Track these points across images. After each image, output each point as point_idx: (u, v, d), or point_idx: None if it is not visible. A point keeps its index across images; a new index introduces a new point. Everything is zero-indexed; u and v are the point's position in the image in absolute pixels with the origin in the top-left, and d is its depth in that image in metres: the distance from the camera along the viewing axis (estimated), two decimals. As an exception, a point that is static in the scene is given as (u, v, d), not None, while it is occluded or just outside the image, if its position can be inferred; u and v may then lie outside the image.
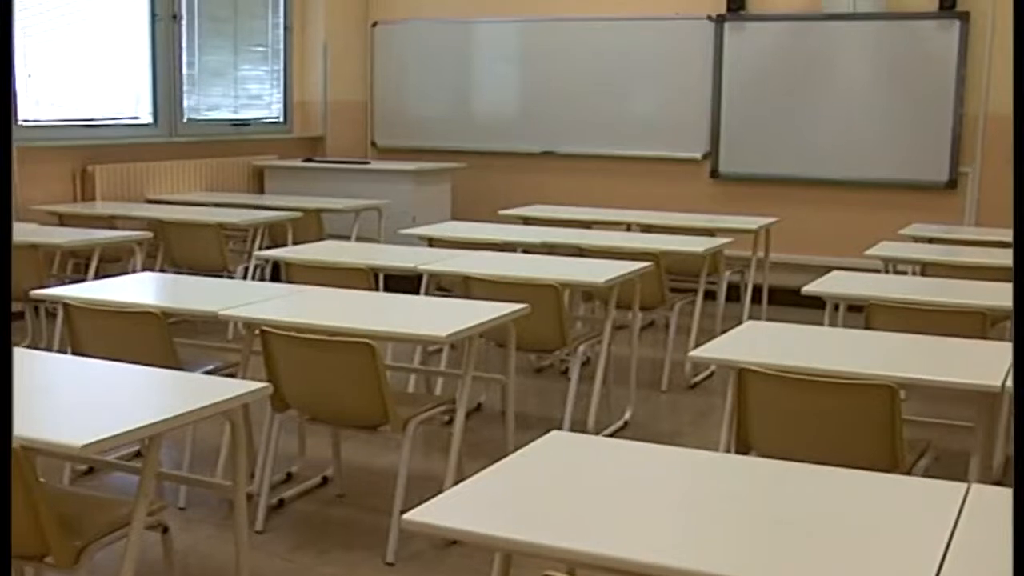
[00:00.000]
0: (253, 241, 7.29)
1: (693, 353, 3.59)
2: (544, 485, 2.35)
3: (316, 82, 9.84)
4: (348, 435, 4.64)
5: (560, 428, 4.73)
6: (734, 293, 7.37)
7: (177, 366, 3.98)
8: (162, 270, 7.02)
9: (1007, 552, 2.02)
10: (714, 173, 9.12)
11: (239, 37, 9.28)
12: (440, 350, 5.74)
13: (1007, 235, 6.75)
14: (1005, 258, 5.83)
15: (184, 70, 8.74)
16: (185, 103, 8.79)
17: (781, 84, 8.81)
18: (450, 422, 4.17)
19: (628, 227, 7.42)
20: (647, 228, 7.28)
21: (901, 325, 4.25)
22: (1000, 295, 4.72)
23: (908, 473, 3.39)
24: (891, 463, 3.30)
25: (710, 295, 6.75)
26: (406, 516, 2.12)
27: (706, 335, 3.94)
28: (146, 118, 8.52)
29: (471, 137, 9.88)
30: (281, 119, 9.81)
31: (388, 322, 4.11)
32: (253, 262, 7.06)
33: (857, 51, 8.59)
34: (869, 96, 8.57)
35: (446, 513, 2.16)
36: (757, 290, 7.55)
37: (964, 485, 2.28)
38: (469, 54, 9.91)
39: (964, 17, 8.25)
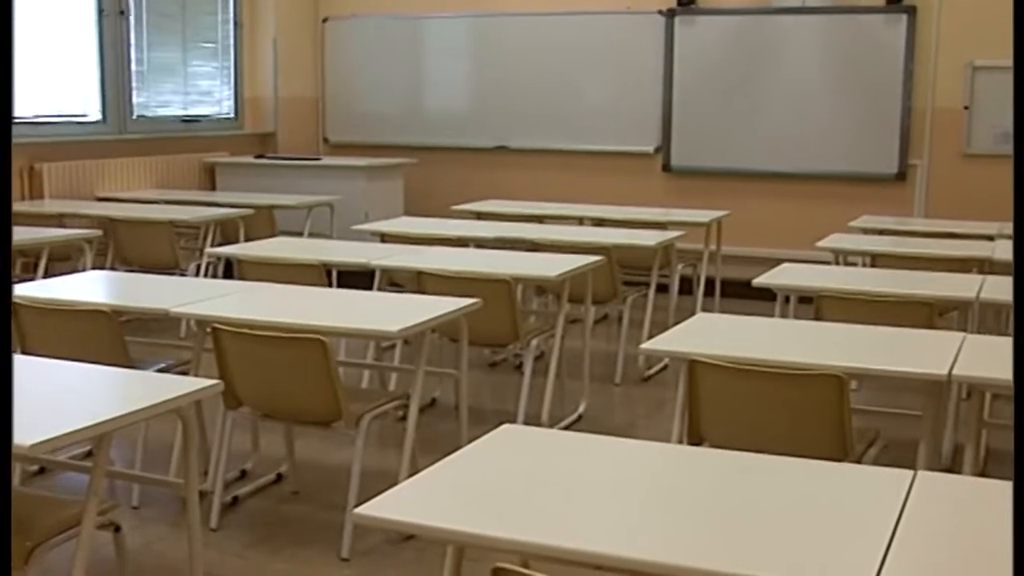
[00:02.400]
0: (205, 238, 7.25)
1: (644, 346, 3.61)
2: (496, 478, 2.36)
3: (267, 78, 9.79)
4: (302, 432, 4.63)
5: (514, 422, 4.76)
6: (687, 286, 7.41)
7: (128, 364, 3.95)
8: (113, 268, 6.97)
9: (953, 537, 2.05)
10: (666, 167, 9.16)
11: (188, 33, 9.21)
12: (393, 346, 5.75)
13: (955, 226, 6.84)
14: (953, 249, 5.90)
15: (133, 66, 8.66)
16: (134, 100, 8.71)
17: (732, 78, 8.86)
18: (404, 417, 4.16)
19: (580, 221, 7.44)
20: (599, 222, 7.30)
21: (851, 316, 4.29)
22: (948, 285, 4.78)
23: (858, 462, 3.42)
24: (841, 452, 3.34)
25: (663, 288, 6.78)
26: (357, 511, 2.13)
27: (659, 328, 3.96)
28: (95, 115, 8.44)
29: (423, 133, 9.88)
30: (232, 115, 9.76)
31: (340, 318, 4.11)
32: (205, 259, 7.03)
33: (806, 45, 8.65)
34: (819, 90, 8.64)
35: (398, 507, 2.16)
36: (709, 283, 7.61)
37: (911, 473, 2.31)
38: (421, 50, 9.90)
39: (911, 11, 8.33)
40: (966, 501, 2.24)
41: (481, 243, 6.25)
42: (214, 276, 7.13)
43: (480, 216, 7.42)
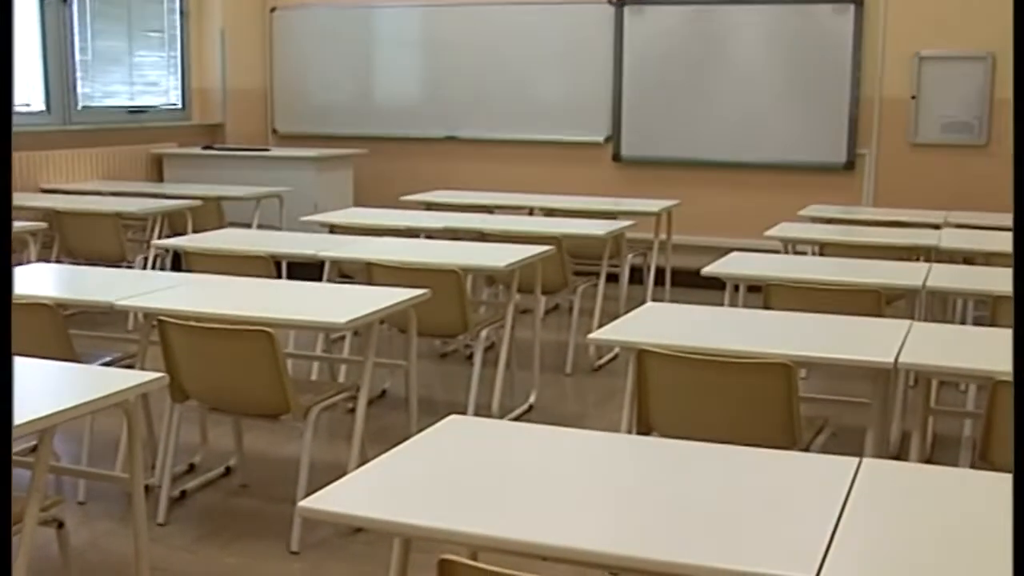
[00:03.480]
0: (152, 230, 7.19)
1: (592, 335, 3.61)
2: (443, 469, 2.35)
3: (214, 68, 9.70)
4: (251, 424, 4.60)
5: (464, 413, 4.75)
6: (637, 275, 7.43)
7: (73, 358, 3.91)
8: (58, 261, 6.89)
9: (898, 523, 2.06)
10: (616, 157, 9.17)
11: (133, 22, 9.11)
12: (343, 337, 5.72)
13: (903, 215, 6.90)
14: (901, 237, 5.95)
15: (77, 56, 8.55)
16: (79, 90, 8.61)
17: (682, 68, 8.88)
18: (354, 409, 4.15)
19: (531, 211, 7.44)
20: (549, 212, 7.30)
21: (799, 304, 4.31)
22: (895, 274, 4.82)
23: (806, 450, 3.44)
24: (789, 440, 3.35)
25: (613, 278, 6.80)
26: (302, 503, 2.11)
27: (609, 318, 3.96)
28: (38, 105, 8.33)
29: (373, 123, 9.83)
30: (179, 106, 9.66)
31: (287, 309, 4.08)
32: (152, 252, 6.96)
33: (755, 35, 8.68)
34: (768, 79, 8.67)
35: (343, 500, 2.15)
36: (660, 272, 7.63)
37: (856, 460, 2.32)
38: (370, 40, 9.85)
39: (858, 2, 8.38)
40: (911, 487, 2.25)
41: (431, 234, 6.23)
42: (162, 269, 7.07)
43: (430, 207, 7.39)
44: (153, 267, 7.00)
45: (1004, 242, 5.67)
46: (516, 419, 5.31)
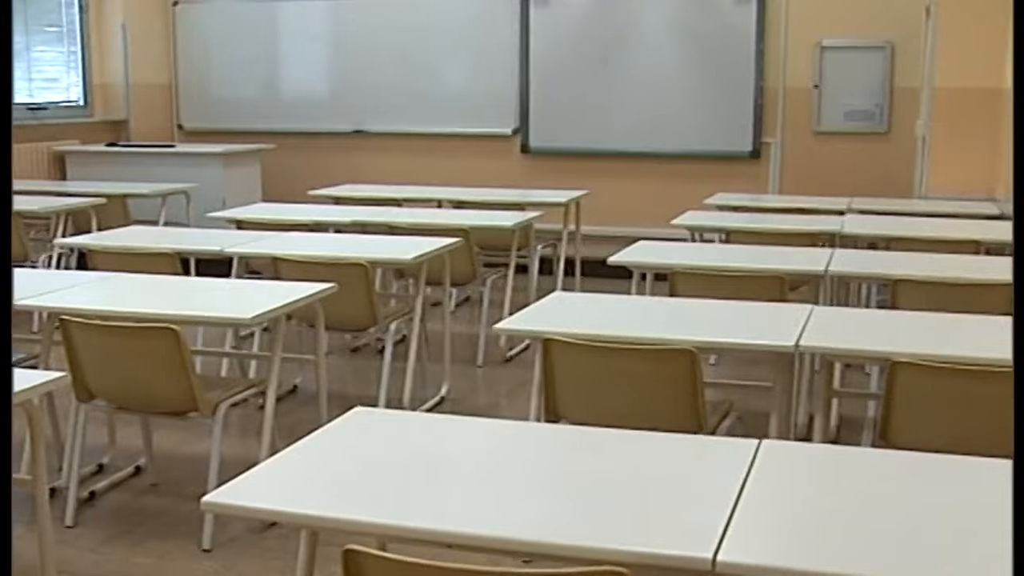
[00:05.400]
0: (55, 229, 7.07)
1: (499, 325, 3.63)
2: (348, 460, 2.35)
3: (117, 64, 9.57)
4: (161, 423, 4.56)
5: (376, 406, 4.74)
6: (547, 266, 7.46)
7: (-27, 360, 3.83)
8: (-42, 262, 6.74)
9: (794, 501, 2.10)
10: (525, 148, 9.21)
11: (29, 16, 8.94)
12: (252, 333, 5.68)
13: (807, 202, 7.01)
14: (805, 224, 6.04)
15: (-30, 51, 8.37)
16: (-25, 87, 8.43)
17: (588, 59, 8.93)
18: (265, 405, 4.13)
19: (439, 204, 7.44)
20: (458, 204, 7.30)
21: (704, 291, 4.37)
22: (799, 259, 4.89)
23: (712, 434, 3.49)
24: (695, 425, 3.40)
25: (524, 269, 6.82)
26: (206, 498, 2.10)
27: (519, 309, 3.98)
28: (-68, 103, 8.15)
29: (280, 118, 9.76)
30: (81, 102, 9.52)
31: (193, 306, 4.06)
32: (56, 251, 6.85)
33: (661, 26, 8.76)
34: (674, 70, 8.76)
35: (248, 493, 2.14)
36: (569, 262, 7.66)
37: (756, 441, 2.37)
38: (275, 33, 9.78)
39: (761, -8, 8.51)
40: (808, 467, 2.30)
41: (339, 228, 6.21)
42: (67, 268, 6.95)
43: (338, 201, 7.36)
44: (57, 267, 6.89)
45: (905, 227, 5.80)
46: (428, 411, 5.31)
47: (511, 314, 3.80)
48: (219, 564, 3.80)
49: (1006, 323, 3.73)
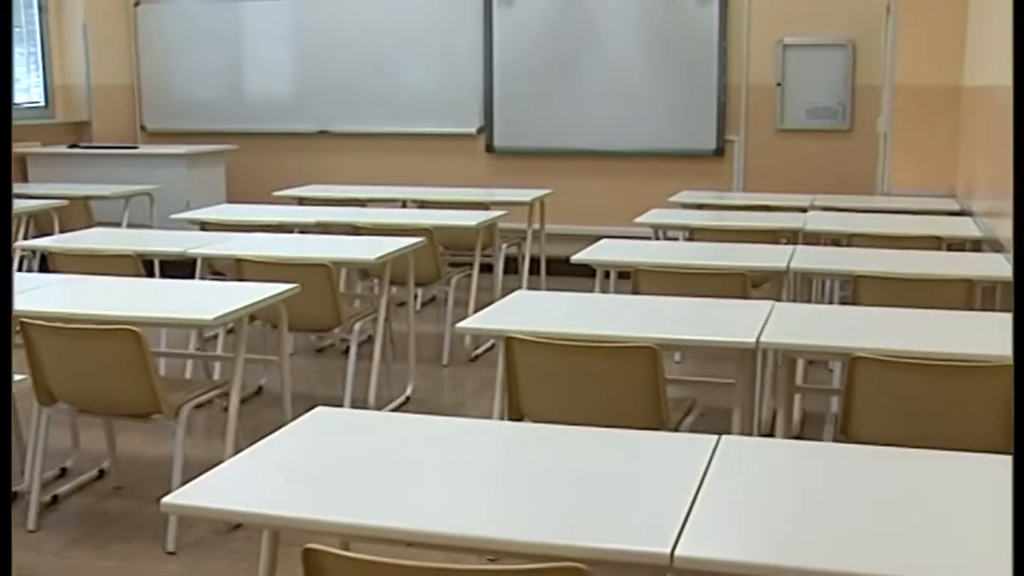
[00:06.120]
0: (17, 231, 7.03)
1: (462, 324, 3.63)
2: (311, 460, 2.35)
3: (78, 65, 9.50)
4: (125, 426, 4.54)
5: (341, 406, 4.73)
6: (512, 265, 7.47)
7: (-67, 364, 3.81)
8: (-82, 266, 6.69)
9: (753, 496, 2.12)
10: (489, 147, 9.21)
11: (-12, 17, 8.86)
12: (216, 335, 5.66)
13: (770, 199, 7.04)
14: (768, 221, 6.07)
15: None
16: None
17: (551, 58, 8.94)
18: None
19: (404, 204, 7.44)
20: (423, 204, 7.31)
21: (667, 289, 4.38)
22: (761, 256, 4.91)
23: (675, 430, 3.51)
24: (658, 421, 3.41)
25: (488, 268, 6.83)
26: (166, 499, 2.09)
27: (484, 308, 3.99)
28: None
29: (244, 118, 9.72)
30: (42, 104, 9.45)
31: (155, 308, 4.05)
32: (18, 253, 6.81)
33: (624, 25, 8.77)
34: (638, 69, 8.77)
35: (209, 494, 2.14)
36: (534, 261, 7.67)
37: (715, 437, 2.38)
38: (238, 34, 9.73)
39: (723, -10, 8.54)
40: (768, 462, 2.31)
41: (303, 229, 6.20)
42: (29, 271, 6.92)
43: (302, 201, 7.35)
44: (19, 269, 6.85)
45: (866, 223, 5.83)
46: (394, 411, 5.31)
47: (476, 313, 3.81)
48: (184, 566, 3.79)
49: (965, 318, 3.78)
